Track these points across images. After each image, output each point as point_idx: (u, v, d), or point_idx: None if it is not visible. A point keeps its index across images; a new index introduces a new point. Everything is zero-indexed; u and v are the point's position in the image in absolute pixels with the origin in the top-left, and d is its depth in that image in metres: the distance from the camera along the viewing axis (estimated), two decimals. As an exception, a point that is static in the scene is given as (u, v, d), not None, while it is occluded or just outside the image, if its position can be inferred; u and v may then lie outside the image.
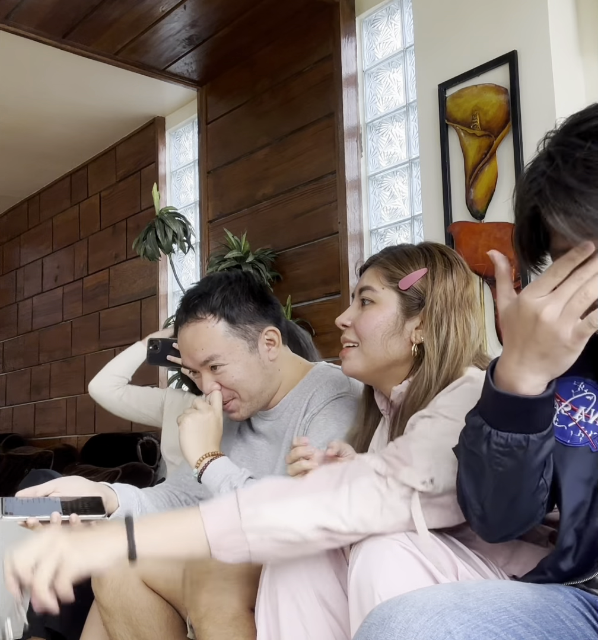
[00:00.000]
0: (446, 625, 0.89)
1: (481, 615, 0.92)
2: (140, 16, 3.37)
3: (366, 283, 1.43)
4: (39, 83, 3.90)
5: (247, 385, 1.64)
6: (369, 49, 3.32)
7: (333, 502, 1.12)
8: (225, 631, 1.33)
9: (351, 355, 1.45)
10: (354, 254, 3.20)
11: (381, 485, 1.14)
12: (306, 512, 1.12)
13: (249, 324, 1.64)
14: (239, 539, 1.11)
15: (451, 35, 2.70)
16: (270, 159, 3.62)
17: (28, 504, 1.39)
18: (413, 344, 1.38)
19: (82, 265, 5.07)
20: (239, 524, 1.11)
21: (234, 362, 1.62)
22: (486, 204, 2.57)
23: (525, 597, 1.00)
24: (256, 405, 1.68)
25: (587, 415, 1.05)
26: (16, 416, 5.65)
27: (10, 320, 5.86)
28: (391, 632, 0.89)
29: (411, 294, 1.39)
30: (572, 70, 2.46)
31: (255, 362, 1.65)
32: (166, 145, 4.46)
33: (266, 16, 3.41)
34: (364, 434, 1.49)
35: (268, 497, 1.13)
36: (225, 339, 1.61)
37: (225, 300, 1.63)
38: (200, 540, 1.12)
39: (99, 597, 1.61)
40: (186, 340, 1.64)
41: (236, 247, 3.41)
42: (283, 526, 1.12)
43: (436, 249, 1.45)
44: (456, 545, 1.19)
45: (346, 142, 3.24)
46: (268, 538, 1.11)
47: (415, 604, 0.91)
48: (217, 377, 1.63)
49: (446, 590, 0.98)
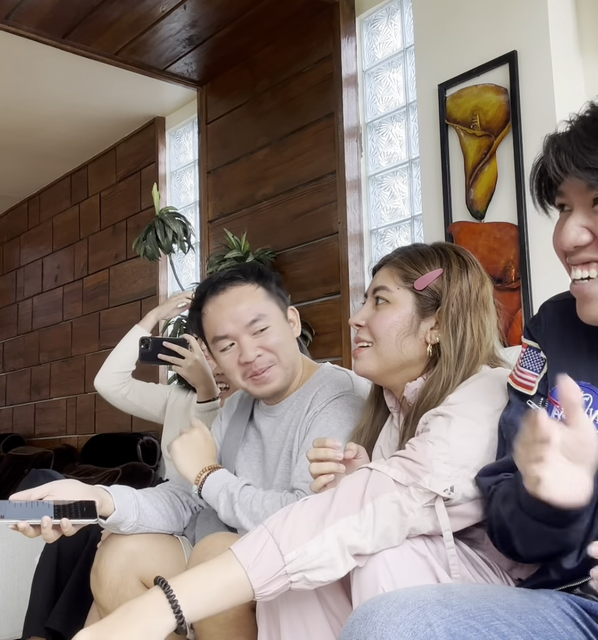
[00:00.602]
0: (427, 619, 0.90)
1: (463, 612, 0.93)
2: (140, 16, 3.37)
3: (380, 283, 1.43)
4: (39, 83, 3.90)
5: (287, 349, 1.68)
6: (369, 49, 3.32)
7: (360, 525, 1.11)
8: (226, 631, 1.34)
9: (364, 355, 1.43)
10: (354, 254, 3.20)
11: (402, 497, 1.13)
12: (341, 540, 1.10)
13: (279, 297, 1.72)
14: (284, 582, 1.09)
15: (451, 35, 2.70)
16: (270, 159, 3.62)
17: (21, 507, 1.38)
18: (428, 344, 1.38)
19: (82, 265, 5.07)
20: (284, 569, 1.08)
21: (276, 325, 1.67)
22: (486, 204, 2.57)
23: (512, 599, 1.01)
24: (289, 377, 1.70)
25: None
26: (16, 416, 5.65)
27: (10, 320, 5.86)
28: (373, 625, 0.91)
29: (427, 294, 1.39)
30: (572, 70, 2.46)
31: (289, 331, 1.72)
32: (166, 145, 4.46)
33: (266, 16, 3.41)
34: (371, 430, 1.49)
35: (306, 534, 1.10)
36: (267, 302, 1.68)
37: (259, 273, 1.72)
38: (245, 591, 1.08)
39: (98, 598, 1.61)
40: (230, 304, 1.66)
41: (236, 247, 3.41)
42: (326, 562, 1.10)
43: (451, 249, 1.44)
44: (462, 547, 1.19)
45: (346, 142, 3.24)
46: (309, 577, 1.10)
47: (398, 600, 0.93)
48: (260, 340, 1.65)
49: (431, 589, 0.99)
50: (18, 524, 1.36)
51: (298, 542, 1.09)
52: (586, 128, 1.03)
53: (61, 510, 1.39)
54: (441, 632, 0.89)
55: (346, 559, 1.10)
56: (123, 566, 1.58)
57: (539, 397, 1.17)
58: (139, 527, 1.62)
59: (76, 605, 2.16)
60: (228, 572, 1.08)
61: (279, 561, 1.08)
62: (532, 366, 1.19)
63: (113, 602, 1.58)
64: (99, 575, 1.59)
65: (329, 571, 1.09)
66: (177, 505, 1.75)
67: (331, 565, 1.09)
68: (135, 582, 1.59)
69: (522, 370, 1.20)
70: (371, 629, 0.90)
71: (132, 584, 1.58)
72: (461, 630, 0.91)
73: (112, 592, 1.58)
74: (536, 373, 1.18)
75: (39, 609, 2.28)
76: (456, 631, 0.90)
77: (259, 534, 1.11)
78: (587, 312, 1.08)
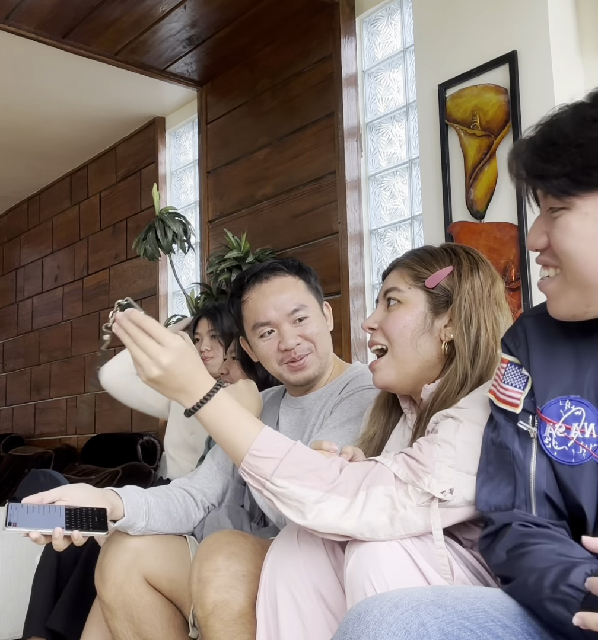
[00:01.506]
0: (421, 619, 0.90)
1: (457, 613, 0.93)
2: (140, 16, 3.37)
3: (391, 284, 1.43)
4: (39, 83, 3.90)
5: (323, 340, 1.76)
6: (369, 49, 3.32)
7: (349, 508, 1.14)
8: (231, 628, 1.34)
9: (382, 365, 1.41)
10: (354, 254, 3.20)
11: (398, 493, 1.15)
12: (324, 511, 1.15)
13: (317, 292, 1.83)
14: (260, 486, 1.18)
15: (451, 35, 2.70)
16: (270, 159, 3.62)
17: (33, 513, 1.39)
18: (443, 342, 1.38)
19: (82, 265, 5.06)
20: (265, 482, 1.17)
21: (315, 316, 1.75)
22: (486, 204, 2.57)
23: (509, 602, 1.00)
24: (323, 366, 1.76)
25: (582, 430, 1.05)
26: (16, 416, 5.65)
27: (10, 320, 5.86)
28: (366, 624, 0.91)
29: (439, 291, 1.39)
30: (572, 70, 2.46)
31: (324, 324, 1.79)
32: (166, 145, 4.46)
33: (266, 16, 3.41)
34: (381, 436, 1.49)
35: (305, 479, 1.16)
36: (307, 294, 1.77)
37: (300, 267, 1.82)
38: (240, 449, 1.20)
39: (101, 594, 1.61)
40: (273, 292, 1.74)
41: (236, 247, 3.41)
42: (297, 506, 1.16)
43: (460, 248, 1.45)
44: (455, 548, 1.20)
45: (346, 142, 3.24)
46: (277, 504, 1.17)
47: (391, 600, 0.93)
48: (300, 329, 1.72)
49: (425, 589, 1.00)
50: (30, 533, 1.37)
51: (292, 477, 1.16)
52: (543, 135, 1.04)
53: (73, 519, 1.40)
54: (434, 632, 0.89)
55: (315, 515, 1.14)
56: (127, 563, 1.59)
57: (527, 415, 1.13)
58: (148, 531, 1.62)
59: (76, 605, 2.16)
60: (250, 425, 1.21)
61: (268, 475, 1.17)
62: (515, 382, 1.16)
63: (116, 599, 1.58)
64: (103, 571, 1.60)
65: (296, 513, 1.16)
66: (190, 505, 1.75)
67: (299, 510, 1.15)
68: (139, 580, 1.59)
69: (505, 387, 1.17)
70: (365, 628, 0.91)
71: (136, 581, 1.59)
72: (454, 630, 0.91)
73: (116, 589, 1.58)
74: (520, 390, 1.15)
75: (39, 609, 2.28)
76: (450, 631, 0.90)
77: (284, 445, 1.20)
78: (552, 309, 1.10)
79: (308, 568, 1.24)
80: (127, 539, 1.61)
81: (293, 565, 1.24)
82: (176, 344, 1.22)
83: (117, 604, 1.58)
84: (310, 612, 1.22)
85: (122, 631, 1.60)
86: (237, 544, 1.42)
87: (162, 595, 1.63)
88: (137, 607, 1.58)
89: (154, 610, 1.60)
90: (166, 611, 1.62)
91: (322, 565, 1.24)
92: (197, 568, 1.39)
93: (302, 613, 1.22)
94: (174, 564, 1.63)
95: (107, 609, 1.60)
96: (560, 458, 1.06)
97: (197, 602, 1.38)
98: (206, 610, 1.36)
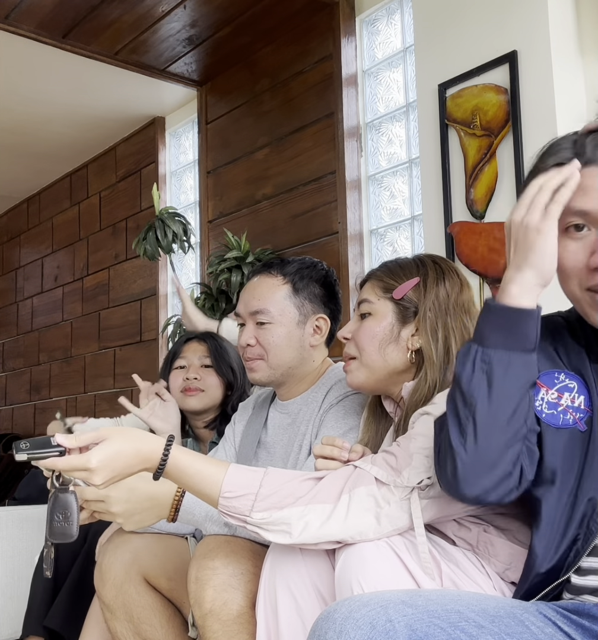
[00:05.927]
0: (388, 615, 0.92)
1: (427, 612, 0.94)
2: (140, 16, 3.37)
3: (363, 296, 1.50)
4: (39, 83, 3.90)
5: (280, 352, 1.69)
6: (369, 48, 3.32)
7: (332, 512, 1.16)
8: (229, 628, 1.34)
9: (353, 368, 1.49)
10: (354, 254, 3.20)
11: (381, 493, 1.17)
12: (310, 523, 1.16)
13: (309, 302, 1.73)
14: (241, 524, 1.19)
15: (451, 35, 2.70)
16: (270, 159, 3.62)
17: None
18: (410, 350, 1.43)
19: (82, 265, 5.07)
20: (245, 519, 1.18)
21: (280, 325, 1.69)
22: (486, 204, 2.57)
23: (487, 604, 1.01)
24: (277, 377, 1.72)
25: (572, 400, 1.11)
26: (16, 416, 5.65)
27: (10, 320, 5.86)
28: (333, 621, 0.94)
29: (405, 302, 1.45)
30: (572, 70, 2.46)
31: (297, 336, 1.72)
32: (166, 145, 4.46)
33: (266, 16, 3.41)
34: (375, 440, 1.52)
35: (279, 505, 1.17)
36: (282, 301, 1.70)
37: (299, 272, 1.73)
38: (213, 493, 1.20)
39: (101, 594, 1.61)
40: (249, 288, 1.74)
41: (236, 247, 3.41)
42: (283, 528, 1.17)
43: (429, 259, 1.51)
44: (445, 548, 1.21)
45: (346, 142, 3.24)
46: (264, 535, 1.18)
47: (361, 599, 0.96)
48: (258, 333, 1.69)
49: (397, 591, 1.01)
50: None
51: (270, 508, 1.17)
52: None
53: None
54: (401, 628, 0.90)
55: (302, 529, 1.15)
56: (127, 563, 1.59)
57: None
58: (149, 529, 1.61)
59: (74, 604, 2.16)
60: (214, 470, 1.21)
61: (247, 512, 1.18)
62: None
63: (116, 599, 1.58)
64: (103, 571, 1.60)
65: (282, 535, 1.17)
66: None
67: (286, 532, 1.16)
68: (139, 580, 1.59)
69: None
70: (332, 624, 0.94)
71: (135, 581, 1.59)
72: (423, 627, 0.91)
73: (115, 589, 1.59)
74: None
75: (38, 608, 2.28)
76: (418, 627, 0.91)
77: (254, 478, 1.20)
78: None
79: (308, 568, 1.24)
80: (127, 539, 1.61)
81: (293, 565, 1.25)
82: (94, 461, 1.15)
83: (117, 604, 1.58)
84: (310, 612, 1.22)
85: (122, 631, 1.60)
86: (236, 543, 1.41)
87: (161, 595, 1.63)
88: (137, 606, 1.58)
89: (153, 609, 1.60)
90: (166, 611, 1.62)
91: (322, 565, 1.25)
92: (195, 567, 1.39)
93: (302, 613, 1.22)
94: (173, 564, 1.63)
95: (107, 609, 1.60)
96: (548, 420, 1.10)
97: (195, 602, 1.38)
98: (204, 610, 1.36)
